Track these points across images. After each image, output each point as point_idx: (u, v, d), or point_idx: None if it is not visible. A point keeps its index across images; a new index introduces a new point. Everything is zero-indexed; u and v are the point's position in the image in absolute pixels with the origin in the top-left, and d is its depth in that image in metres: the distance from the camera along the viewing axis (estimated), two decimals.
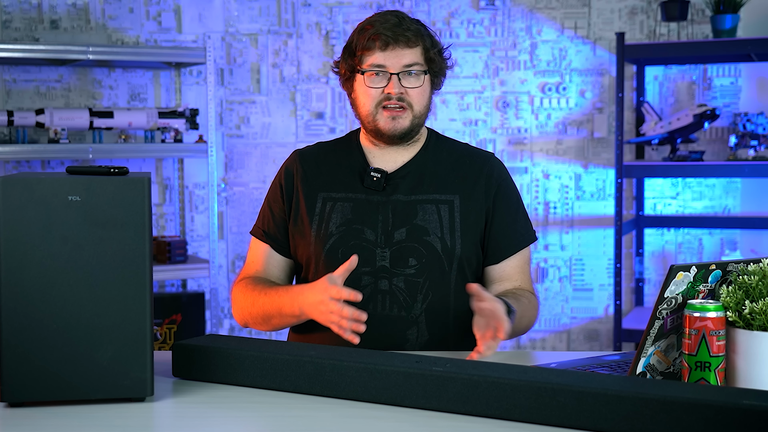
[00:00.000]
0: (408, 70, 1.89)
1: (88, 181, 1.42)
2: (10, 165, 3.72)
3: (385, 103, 1.90)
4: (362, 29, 1.91)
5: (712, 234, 3.89)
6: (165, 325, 3.71)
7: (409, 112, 1.91)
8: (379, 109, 1.90)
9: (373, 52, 1.89)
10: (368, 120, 1.93)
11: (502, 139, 3.98)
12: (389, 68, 1.89)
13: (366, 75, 1.90)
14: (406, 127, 1.91)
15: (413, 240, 1.88)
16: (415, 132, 1.95)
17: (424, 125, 2.00)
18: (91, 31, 3.85)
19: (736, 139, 3.63)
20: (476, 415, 1.37)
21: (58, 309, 1.41)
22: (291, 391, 1.51)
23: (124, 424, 1.37)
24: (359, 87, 1.93)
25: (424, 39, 1.92)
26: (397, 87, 1.89)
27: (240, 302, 1.95)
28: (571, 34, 3.92)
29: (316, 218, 1.94)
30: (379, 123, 1.91)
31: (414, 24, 1.92)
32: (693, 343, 1.41)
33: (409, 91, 1.90)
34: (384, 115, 1.90)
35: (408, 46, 1.89)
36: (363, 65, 1.90)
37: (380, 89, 1.90)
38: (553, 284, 3.98)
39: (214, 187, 3.74)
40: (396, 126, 1.91)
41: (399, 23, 1.90)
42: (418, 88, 1.91)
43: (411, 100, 1.90)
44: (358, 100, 1.94)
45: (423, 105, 1.93)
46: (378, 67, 1.89)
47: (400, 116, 1.90)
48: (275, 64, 3.99)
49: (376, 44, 1.88)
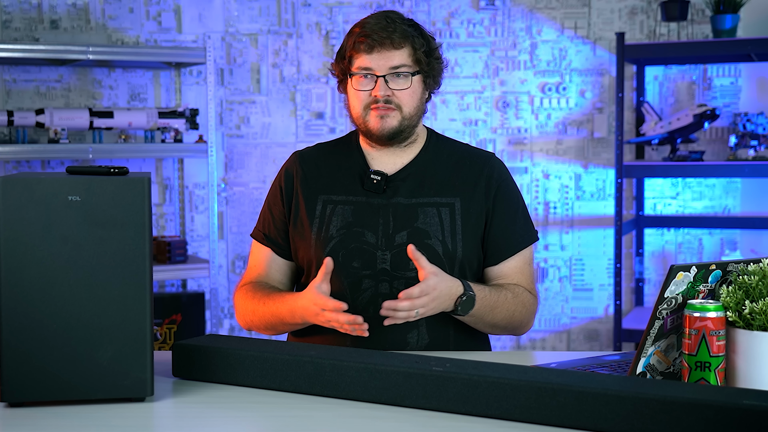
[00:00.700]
0: (395, 72, 1.89)
1: (88, 181, 1.42)
2: (10, 165, 3.72)
3: (373, 105, 1.90)
4: (351, 32, 1.92)
5: (712, 234, 3.89)
6: (165, 325, 3.71)
7: (397, 113, 1.90)
8: (368, 111, 1.91)
9: (360, 55, 1.89)
10: (360, 122, 1.93)
11: (502, 139, 3.98)
12: (375, 71, 1.88)
13: (354, 78, 1.90)
14: (395, 126, 1.91)
15: (414, 243, 1.89)
16: (406, 133, 1.94)
17: (420, 125, 2.00)
18: (91, 31, 3.85)
19: (736, 139, 3.63)
20: (476, 415, 1.37)
21: (58, 309, 1.41)
22: (291, 391, 1.51)
23: (124, 424, 1.37)
24: (350, 89, 1.93)
25: (413, 40, 1.90)
26: (384, 90, 1.88)
27: (242, 309, 1.97)
28: (571, 34, 3.92)
29: (317, 221, 1.94)
30: (369, 123, 1.91)
31: (403, 25, 1.90)
32: (693, 343, 1.41)
33: (397, 92, 1.89)
34: (373, 115, 1.90)
35: (394, 47, 1.88)
36: (352, 68, 1.90)
37: (368, 92, 1.90)
38: (553, 284, 3.98)
39: (214, 187, 3.74)
40: (384, 125, 1.90)
41: (387, 25, 1.88)
42: (406, 89, 1.90)
43: (399, 102, 1.90)
44: (350, 103, 1.95)
45: (413, 106, 1.92)
46: (365, 70, 1.89)
47: (387, 115, 1.90)
48: (275, 64, 3.99)
49: (362, 47, 1.88)
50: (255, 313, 1.93)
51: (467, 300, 1.80)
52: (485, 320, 1.87)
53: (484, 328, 1.92)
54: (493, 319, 1.88)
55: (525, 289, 1.95)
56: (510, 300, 1.89)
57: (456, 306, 1.81)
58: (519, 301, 1.91)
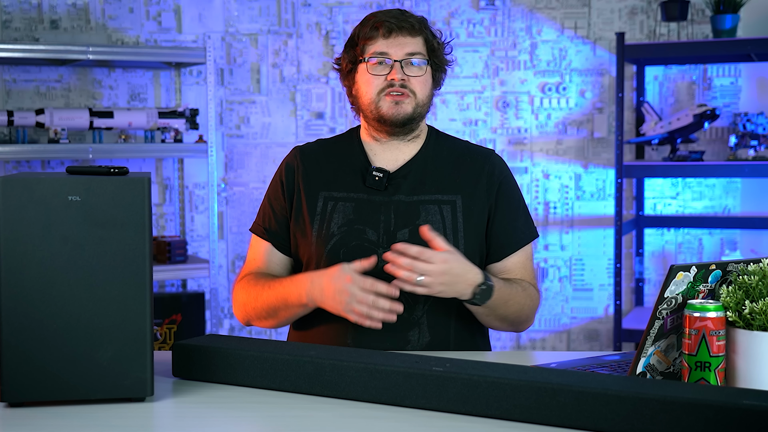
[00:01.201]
0: (410, 59, 1.90)
1: (88, 181, 1.42)
2: (10, 165, 3.72)
3: (388, 90, 1.90)
4: (365, 20, 1.94)
5: (712, 234, 3.89)
6: (165, 325, 3.71)
7: (412, 99, 1.91)
8: (381, 96, 1.90)
9: (376, 40, 1.90)
10: (370, 109, 1.92)
11: (502, 139, 3.98)
12: (392, 55, 1.90)
13: (369, 63, 1.90)
14: (409, 113, 1.91)
15: (416, 241, 1.88)
16: (417, 121, 1.94)
17: (424, 120, 2.00)
18: (91, 31, 3.85)
19: (736, 139, 3.63)
20: (476, 415, 1.37)
21: (58, 309, 1.41)
22: (291, 391, 1.50)
23: (124, 424, 1.37)
24: (361, 76, 1.93)
25: (426, 31, 1.94)
26: (400, 73, 1.89)
27: (242, 299, 1.95)
28: (571, 34, 3.92)
29: (318, 217, 1.94)
30: (382, 109, 1.91)
31: (415, 17, 1.95)
32: (693, 343, 1.41)
33: (412, 79, 1.90)
34: (387, 101, 1.90)
35: (411, 34, 1.91)
36: (365, 54, 1.91)
37: (383, 76, 1.90)
38: (553, 284, 3.98)
39: (214, 187, 3.74)
40: (399, 111, 1.90)
41: (402, 13, 1.93)
42: (420, 76, 1.91)
43: (413, 88, 1.91)
44: (360, 90, 1.93)
45: (425, 94, 1.93)
46: (381, 55, 1.90)
47: (402, 101, 1.90)
48: (275, 64, 3.99)
49: (380, 32, 1.89)
50: (258, 299, 1.91)
51: (486, 290, 1.78)
52: (498, 312, 1.86)
53: (493, 322, 1.91)
54: (506, 311, 1.87)
55: (530, 284, 1.96)
56: (520, 294, 1.89)
57: (474, 294, 1.79)
58: (527, 294, 1.92)
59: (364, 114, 1.96)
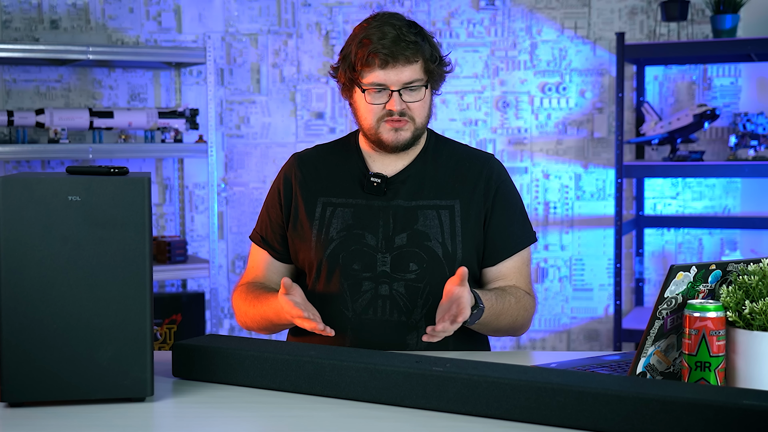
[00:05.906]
0: (409, 87, 1.88)
1: (88, 181, 1.42)
2: (10, 165, 3.72)
3: (387, 118, 1.89)
4: (361, 43, 1.86)
5: (712, 234, 3.89)
6: (165, 325, 3.71)
7: (411, 124, 1.90)
8: (381, 123, 1.89)
9: (373, 70, 1.86)
10: (371, 133, 1.92)
11: (502, 139, 3.98)
12: (390, 86, 1.87)
13: (367, 92, 1.88)
14: (408, 138, 1.91)
15: (414, 245, 1.88)
16: (417, 141, 1.95)
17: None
18: (91, 31, 3.85)
19: (736, 139, 3.63)
20: (476, 415, 1.37)
21: (58, 309, 1.41)
22: (291, 391, 1.51)
23: (124, 424, 1.37)
24: (359, 101, 1.91)
25: (424, 51, 1.88)
26: (399, 104, 1.87)
27: (240, 309, 1.98)
28: (571, 34, 3.92)
29: (317, 223, 1.94)
30: (382, 135, 1.90)
31: (412, 35, 1.86)
32: (693, 343, 1.41)
33: (411, 105, 1.89)
34: (386, 127, 1.89)
35: (408, 62, 1.86)
36: (363, 80, 1.87)
37: (381, 105, 1.88)
38: (553, 284, 3.98)
39: (214, 187, 3.74)
40: (399, 138, 1.90)
41: (398, 37, 1.84)
42: (419, 102, 1.90)
43: (413, 114, 1.90)
44: (360, 113, 1.92)
45: (424, 116, 1.93)
46: (378, 85, 1.87)
47: (402, 128, 1.89)
48: (275, 64, 3.99)
49: (376, 62, 1.85)
50: (247, 314, 1.96)
51: (476, 313, 1.78)
52: (490, 326, 1.87)
53: (486, 332, 1.94)
54: (498, 325, 1.88)
55: (525, 291, 1.95)
56: (513, 305, 1.89)
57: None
58: (521, 305, 1.92)
59: (363, 132, 1.96)
